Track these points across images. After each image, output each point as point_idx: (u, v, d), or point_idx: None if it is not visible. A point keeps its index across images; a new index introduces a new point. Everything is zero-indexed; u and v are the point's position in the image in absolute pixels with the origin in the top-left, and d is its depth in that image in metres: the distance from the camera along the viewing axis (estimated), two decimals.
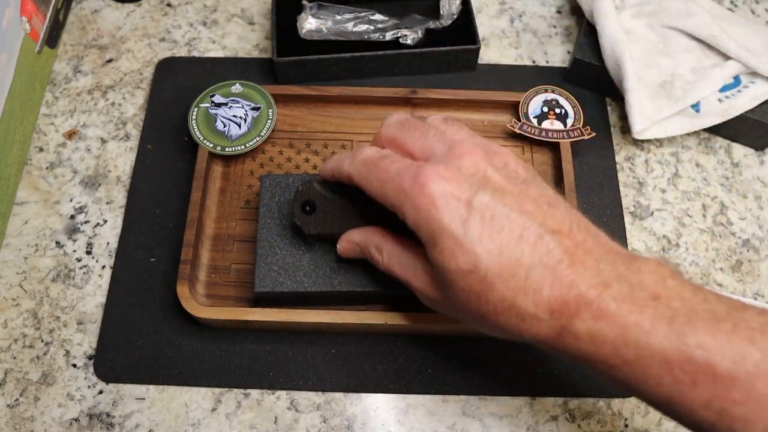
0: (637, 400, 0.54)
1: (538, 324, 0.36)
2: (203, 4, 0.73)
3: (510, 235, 0.35)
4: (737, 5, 0.75)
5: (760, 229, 0.62)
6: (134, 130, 0.65)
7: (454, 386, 0.54)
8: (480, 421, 0.53)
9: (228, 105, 0.61)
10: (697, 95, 0.62)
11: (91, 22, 0.72)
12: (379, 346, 0.54)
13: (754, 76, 0.63)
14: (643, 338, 0.32)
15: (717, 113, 0.62)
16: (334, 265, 0.50)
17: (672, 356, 0.32)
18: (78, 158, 0.64)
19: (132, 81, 0.68)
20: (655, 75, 0.64)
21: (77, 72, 0.69)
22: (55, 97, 0.67)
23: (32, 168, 0.63)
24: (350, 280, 0.50)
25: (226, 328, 0.54)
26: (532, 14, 0.74)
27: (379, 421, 0.52)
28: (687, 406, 0.32)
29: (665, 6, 0.67)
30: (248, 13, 0.73)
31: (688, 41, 0.66)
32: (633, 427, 0.53)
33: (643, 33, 0.66)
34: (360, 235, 0.46)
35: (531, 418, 0.53)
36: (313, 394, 0.53)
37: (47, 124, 0.65)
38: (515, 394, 0.54)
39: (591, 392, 0.54)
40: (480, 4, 0.74)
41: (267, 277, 0.50)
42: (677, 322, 0.32)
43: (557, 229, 0.36)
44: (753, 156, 0.66)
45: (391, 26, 0.68)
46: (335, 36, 0.67)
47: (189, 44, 0.71)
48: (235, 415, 0.52)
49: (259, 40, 0.71)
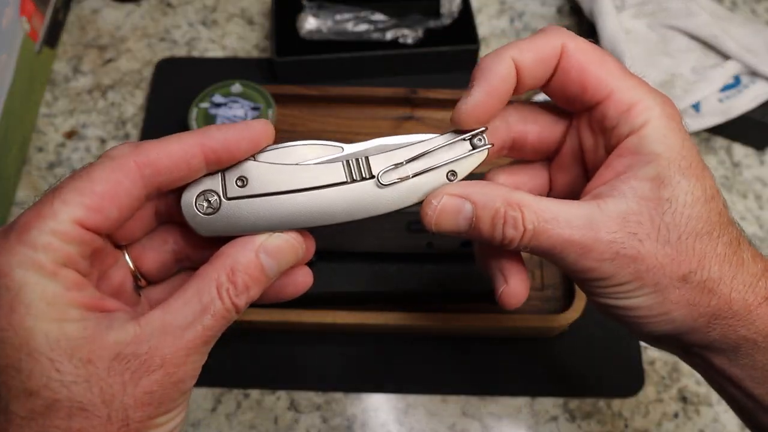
0: (637, 400, 0.54)
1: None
2: (203, 4, 0.73)
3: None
4: (737, 5, 0.75)
5: (760, 229, 0.62)
6: (134, 130, 0.65)
7: (454, 386, 0.53)
8: (480, 421, 0.53)
9: (228, 105, 0.61)
10: (697, 95, 0.62)
11: (90, 21, 0.72)
12: (379, 346, 0.54)
13: (754, 76, 0.63)
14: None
15: (717, 113, 0.62)
16: (334, 265, 0.50)
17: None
18: (78, 158, 0.63)
19: (132, 81, 0.68)
20: (655, 75, 0.64)
21: (77, 72, 0.69)
22: (55, 97, 0.67)
23: (32, 168, 0.63)
24: (350, 280, 0.50)
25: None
26: (532, 14, 0.74)
27: (379, 421, 0.52)
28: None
29: (665, 6, 0.67)
30: (248, 13, 0.73)
31: (688, 41, 0.66)
32: (633, 427, 0.53)
33: (643, 33, 0.66)
34: (478, 189, 0.30)
35: (531, 418, 0.53)
36: (313, 394, 0.53)
37: (47, 124, 0.65)
38: (515, 394, 0.54)
39: (591, 392, 0.54)
40: (480, 4, 0.74)
41: None
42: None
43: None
44: (753, 156, 0.66)
45: (391, 26, 0.68)
46: (335, 36, 0.67)
47: (189, 44, 0.71)
48: (235, 416, 0.52)
49: (259, 40, 0.71)
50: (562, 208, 0.29)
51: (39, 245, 0.25)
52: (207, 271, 0.27)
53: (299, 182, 0.29)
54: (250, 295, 0.28)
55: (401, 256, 0.53)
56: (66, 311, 0.25)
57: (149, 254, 0.32)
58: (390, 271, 0.53)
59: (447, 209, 0.29)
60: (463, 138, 0.30)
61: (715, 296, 0.29)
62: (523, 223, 0.28)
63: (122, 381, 0.25)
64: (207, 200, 0.29)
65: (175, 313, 0.26)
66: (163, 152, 0.27)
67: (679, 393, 0.54)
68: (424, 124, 0.64)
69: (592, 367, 0.55)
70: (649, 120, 0.29)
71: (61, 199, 0.25)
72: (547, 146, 0.34)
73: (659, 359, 0.56)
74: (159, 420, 0.26)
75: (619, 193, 0.29)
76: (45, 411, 0.24)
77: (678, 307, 0.29)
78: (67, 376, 0.24)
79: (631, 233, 0.28)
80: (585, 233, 0.28)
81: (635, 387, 0.54)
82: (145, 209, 0.30)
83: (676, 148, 0.29)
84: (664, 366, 0.55)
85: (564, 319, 0.52)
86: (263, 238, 0.29)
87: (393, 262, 0.53)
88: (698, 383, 0.55)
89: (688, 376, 0.55)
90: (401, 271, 0.54)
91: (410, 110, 0.64)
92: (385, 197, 0.30)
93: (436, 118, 0.64)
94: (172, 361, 0.26)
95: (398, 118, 0.64)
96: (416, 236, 0.52)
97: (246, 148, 0.29)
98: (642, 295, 0.29)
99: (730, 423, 0.53)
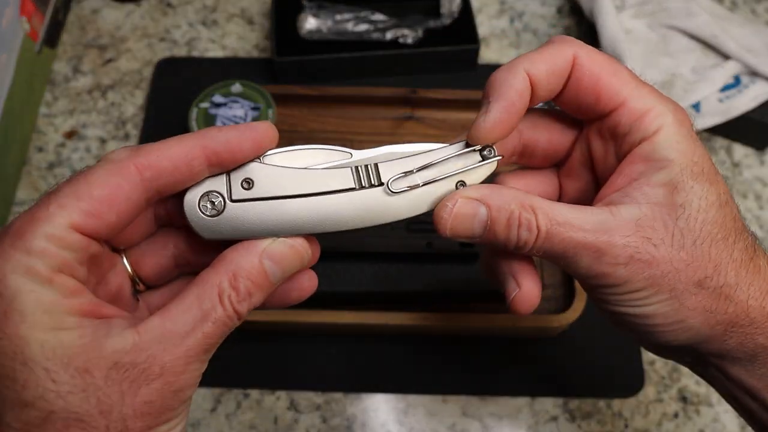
0: (637, 400, 0.54)
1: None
2: (203, 4, 0.73)
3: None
4: (737, 5, 0.75)
5: (760, 229, 0.62)
6: (134, 130, 0.65)
7: (454, 386, 0.53)
8: (480, 421, 0.53)
9: (228, 105, 0.61)
10: (697, 95, 0.62)
11: (90, 21, 0.72)
12: (379, 346, 0.54)
13: (754, 76, 0.63)
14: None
15: (717, 113, 0.62)
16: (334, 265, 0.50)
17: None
18: (78, 158, 0.63)
19: (132, 81, 0.68)
20: (655, 75, 0.64)
21: (77, 72, 0.69)
22: (55, 97, 0.67)
23: (32, 168, 0.63)
24: (350, 280, 0.50)
25: None
26: (532, 14, 0.74)
27: (379, 421, 0.52)
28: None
29: (665, 6, 0.67)
30: (248, 13, 0.73)
31: (688, 41, 0.66)
32: (633, 427, 0.53)
33: (643, 33, 0.66)
34: (492, 192, 0.29)
35: (531, 418, 0.53)
36: (313, 394, 0.53)
37: (47, 124, 0.65)
38: (515, 394, 0.54)
39: (591, 392, 0.54)
40: (480, 4, 0.74)
41: None
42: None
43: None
44: (753, 156, 0.66)
45: (391, 26, 0.68)
46: (335, 36, 0.67)
47: (189, 44, 0.71)
48: (235, 416, 0.52)
49: (259, 40, 0.71)
50: (576, 212, 0.28)
51: (34, 251, 0.24)
52: (208, 276, 0.27)
53: (307, 187, 0.29)
54: (253, 301, 0.27)
55: (401, 256, 0.53)
56: (62, 319, 0.24)
57: (148, 258, 0.31)
58: (390, 271, 0.54)
59: (462, 212, 0.29)
60: (473, 149, 0.30)
61: (732, 303, 0.28)
62: (537, 225, 0.28)
63: (120, 391, 0.24)
64: (211, 201, 0.28)
65: (174, 320, 0.25)
66: (163, 155, 0.26)
67: (679, 393, 0.54)
68: (424, 124, 0.64)
69: (592, 367, 0.55)
70: (661, 127, 0.29)
71: (57, 203, 0.25)
72: (557, 153, 0.34)
73: (659, 359, 0.56)
74: (159, 429, 0.25)
75: (632, 200, 0.28)
76: (41, 423, 0.24)
77: (695, 314, 0.28)
78: (64, 387, 0.23)
79: (646, 238, 0.28)
80: (599, 236, 0.28)
81: (635, 387, 0.54)
82: (144, 212, 0.29)
83: (688, 153, 0.28)
84: (664, 366, 0.55)
85: (564, 319, 0.52)
86: (267, 243, 0.28)
87: (393, 262, 0.53)
88: (698, 383, 0.55)
89: (688, 376, 0.55)
90: (401, 271, 0.54)
91: (410, 110, 0.64)
92: (394, 205, 0.29)
93: (436, 118, 0.64)
94: (172, 370, 0.25)
95: (398, 118, 0.64)
96: (416, 236, 0.52)
97: (249, 150, 0.28)
98: (657, 302, 0.28)
99: (731, 423, 0.53)
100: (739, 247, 0.29)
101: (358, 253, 0.53)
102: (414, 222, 0.52)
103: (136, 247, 0.31)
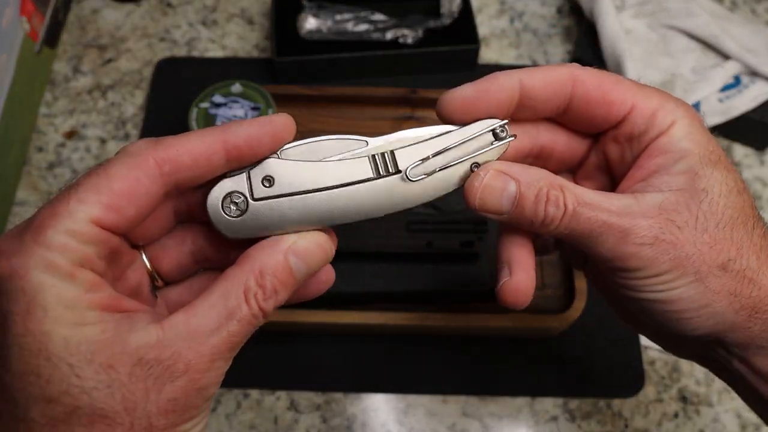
0: (637, 400, 0.54)
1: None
2: (203, 4, 0.73)
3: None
4: (737, 5, 0.75)
5: None
6: (134, 130, 0.65)
7: (454, 386, 0.53)
8: (480, 421, 0.53)
9: (228, 105, 0.61)
10: (697, 95, 0.62)
11: (90, 21, 0.72)
12: (379, 346, 0.54)
13: (754, 76, 0.63)
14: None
15: (717, 113, 0.62)
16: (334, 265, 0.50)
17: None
18: (77, 158, 0.63)
19: (132, 81, 0.68)
20: (655, 75, 0.64)
21: (77, 72, 0.69)
22: (55, 97, 0.67)
23: (32, 168, 0.63)
24: (350, 280, 0.50)
25: None
26: (532, 14, 0.74)
27: (379, 421, 0.52)
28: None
29: (665, 6, 0.67)
30: (248, 13, 0.73)
31: (688, 41, 0.66)
32: (633, 427, 0.53)
33: (643, 33, 0.66)
34: (522, 169, 0.30)
35: (531, 418, 0.53)
36: (313, 394, 0.53)
37: (47, 124, 0.65)
38: (515, 394, 0.54)
39: (591, 392, 0.54)
40: (480, 4, 0.74)
41: None
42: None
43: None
44: (753, 156, 0.66)
45: (391, 26, 0.68)
46: (335, 36, 0.67)
47: (189, 44, 0.71)
48: (235, 416, 0.52)
49: (259, 40, 0.71)
50: (601, 195, 0.29)
51: (55, 246, 0.24)
52: (234, 274, 0.26)
53: (327, 180, 0.29)
54: (278, 299, 0.27)
55: (401, 256, 0.53)
56: (85, 314, 0.24)
57: (167, 254, 0.31)
58: (390, 271, 0.54)
59: (492, 185, 0.29)
60: (486, 130, 0.30)
61: (756, 286, 0.29)
62: (565, 203, 0.28)
63: (145, 387, 0.24)
64: (234, 202, 0.28)
65: (200, 318, 0.25)
66: (183, 148, 0.26)
67: (679, 393, 0.54)
68: (424, 124, 0.63)
69: (592, 367, 0.55)
70: (675, 120, 0.29)
71: (77, 198, 0.25)
72: (573, 158, 0.34)
73: (659, 359, 0.56)
74: (183, 427, 0.25)
75: (654, 188, 0.29)
76: (65, 418, 0.23)
77: (719, 297, 0.28)
78: (88, 382, 0.23)
79: (670, 220, 0.28)
80: (624, 217, 0.28)
81: (635, 387, 0.54)
82: (163, 208, 0.29)
83: (703, 143, 0.29)
84: (664, 366, 0.55)
85: (564, 319, 0.52)
86: (292, 240, 0.28)
87: (393, 262, 0.53)
88: (698, 383, 0.55)
89: (688, 376, 0.55)
90: (401, 271, 0.54)
91: (410, 110, 0.64)
92: (413, 191, 0.30)
93: (436, 119, 0.64)
94: (197, 368, 0.25)
95: (398, 118, 0.64)
96: (416, 236, 0.52)
97: (268, 144, 0.28)
98: (682, 285, 0.28)
99: (731, 423, 0.53)
100: (758, 233, 0.29)
101: (358, 253, 0.53)
102: (414, 222, 0.52)
103: (155, 242, 0.31)
